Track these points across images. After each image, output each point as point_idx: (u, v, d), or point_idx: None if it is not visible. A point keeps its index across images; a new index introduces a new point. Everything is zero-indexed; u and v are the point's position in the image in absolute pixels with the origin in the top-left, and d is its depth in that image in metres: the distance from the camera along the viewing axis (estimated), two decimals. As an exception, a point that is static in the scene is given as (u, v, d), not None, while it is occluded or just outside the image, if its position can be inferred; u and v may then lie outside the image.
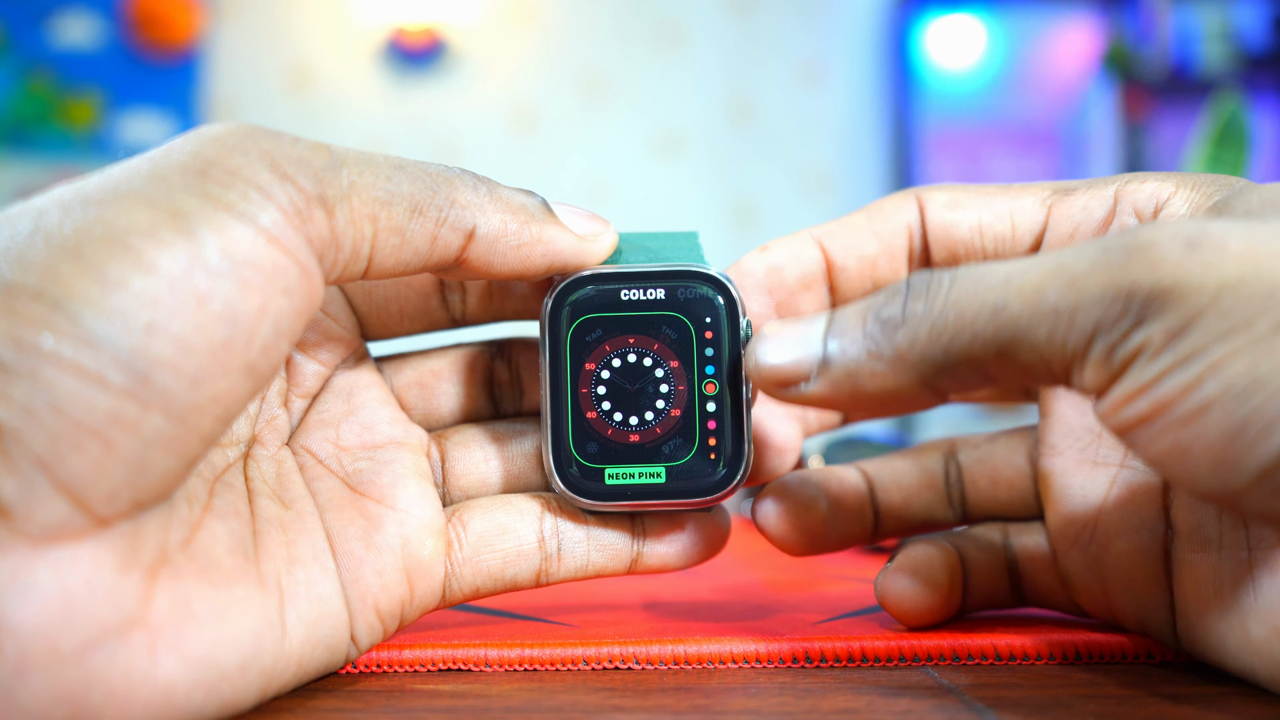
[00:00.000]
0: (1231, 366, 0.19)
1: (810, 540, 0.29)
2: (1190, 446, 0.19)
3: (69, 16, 2.47)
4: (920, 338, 0.22)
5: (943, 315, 0.22)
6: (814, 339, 0.24)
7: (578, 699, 0.23)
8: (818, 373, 0.24)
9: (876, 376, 0.23)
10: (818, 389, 0.24)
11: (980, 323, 0.21)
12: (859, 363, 0.23)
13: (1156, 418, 0.20)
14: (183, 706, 0.20)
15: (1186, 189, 0.26)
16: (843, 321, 0.23)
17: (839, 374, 0.23)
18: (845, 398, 0.23)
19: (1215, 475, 0.19)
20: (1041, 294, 0.21)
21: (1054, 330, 0.20)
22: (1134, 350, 0.20)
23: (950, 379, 0.22)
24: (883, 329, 0.22)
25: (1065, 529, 0.27)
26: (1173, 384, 0.19)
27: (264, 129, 0.22)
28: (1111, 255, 0.20)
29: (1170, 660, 0.26)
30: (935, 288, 0.22)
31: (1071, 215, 0.27)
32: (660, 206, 2.52)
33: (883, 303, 0.23)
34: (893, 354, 0.22)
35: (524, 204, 0.25)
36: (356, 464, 0.26)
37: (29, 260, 0.19)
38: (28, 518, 0.18)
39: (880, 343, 0.22)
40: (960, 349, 0.21)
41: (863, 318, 0.23)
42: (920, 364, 0.22)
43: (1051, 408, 0.28)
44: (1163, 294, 0.19)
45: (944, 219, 0.28)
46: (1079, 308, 0.20)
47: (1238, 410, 0.18)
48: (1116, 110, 2.47)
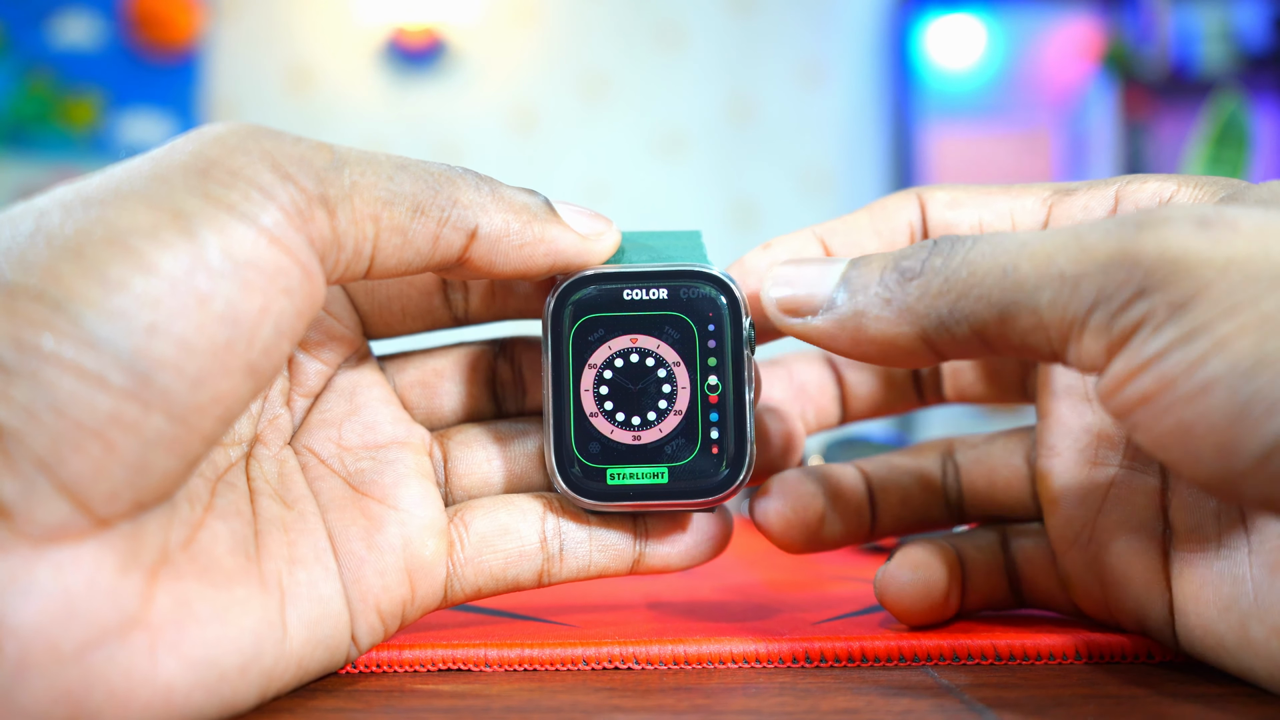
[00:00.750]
0: (1237, 344, 0.18)
1: (808, 538, 0.29)
2: (1193, 426, 0.19)
3: (69, 16, 2.47)
4: (931, 290, 0.22)
5: (957, 271, 0.22)
6: (831, 275, 0.24)
7: (578, 699, 0.23)
8: (826, 307, 0.24)
9: (881, 321, 0.23)
10: (822, 323, 0.24)
11: (989, 282, 0.21)
12: (868, 304, 0.23)
13: (1159, 396, 0.19)
14: (183, 707, 0.20)
15: (1189, 188, 0.26)
16: (863, 265, 0.24)
17: (846, 312, 0.24)
18: (846, 337, 0.24)
19: (1217, 457, 0.19)
20: (1052, 259, 0.21)
21: (1057, 295, 0.21)
22: (1135, 321, 0.20)
23: (949, 337, 0.22)
24: (899, 278, 0.23)
25: (1064, 529, 0.28)
26: (1176, 360, 0.19)
27: (266, 129, 0.22)
28: (1125, 228, 0.20)
29: (1170, 660, 0.26)
30: (958, 246, 0.23)
31: (1072, 215, 0.27)
32: (660, 206, 2.52)
33: (907, 254, 0.23)
34: (902, 303, 0.23)
35: (526, 203, 0.25)
36: (359, 464, 0.26)
37: (30, 261, 0.19)
38: (28, 518, 0.18)
39: (893, 290, 0.23)
40: (965, 307, 0.22)
41: (883, 266, 0.24)
42: (924, 316, 0.22)
43: (1049, 408, 0.28)
44: (1169, 264, 0.19)
45: (945, 218, 0.28)
46: (1085, 274, 0.20)
47: (1243, 389, 0.18)
48: (1116, 110, 2.47)
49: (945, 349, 0.23)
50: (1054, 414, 0.28)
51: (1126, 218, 0.21)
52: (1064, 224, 0.27)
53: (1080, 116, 2.53)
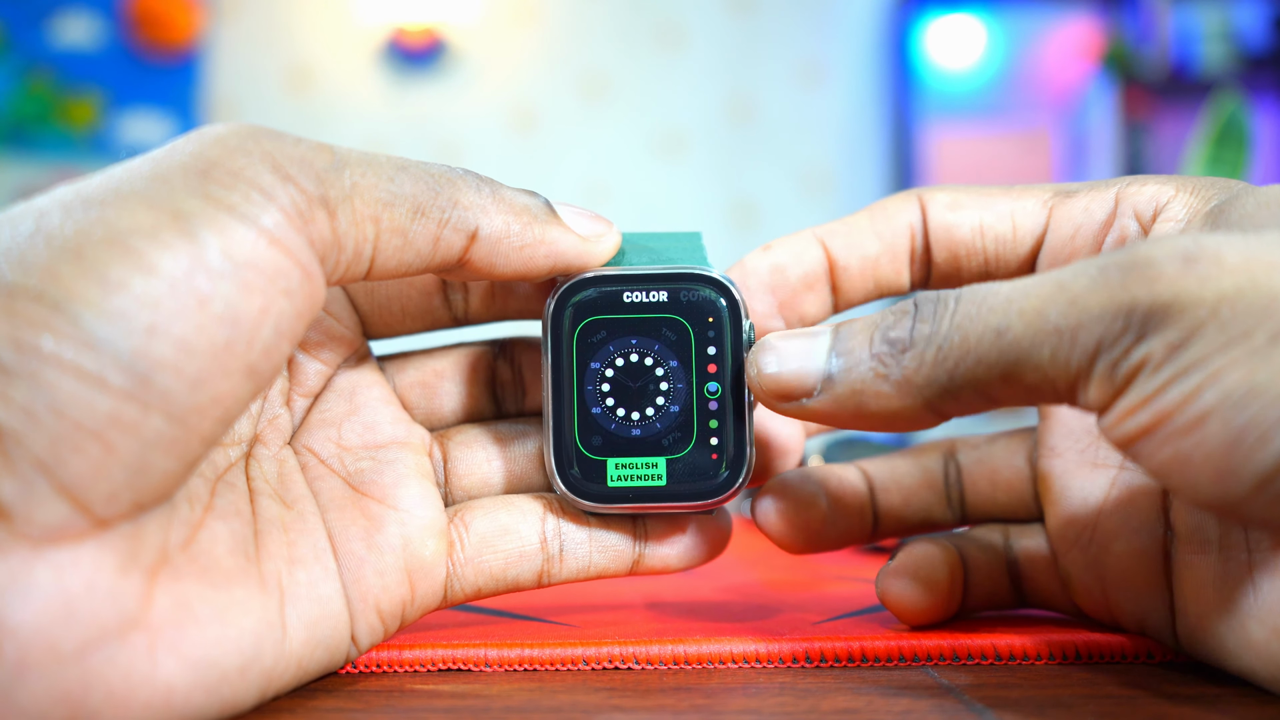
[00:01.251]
0: (1229, 376, 0.19)
1: (809, 538, 0.29)
2: (1190, 456, 0.19)
3: (69, 16, 2.47)
4: (927, 361, 0.22)
5: (948, 339, 0.22)
6: (818, 354, 0.24)
7: (578, 699, 0.23)
8: (821, 388, 0.24)
9: (881, 397, 0.23)
10: (820, 404, 0.24)
11: (984, 346, 0.21)
12: (865, 382, 0.23)
13: (1157, 429, 0.20)
14: (182, 707, 0.20)
15: (1186, 192, 0.26)
16: (849, 338, 0.24)
17: (843, 392, 0.23)
18: (848, 415, 0.24)
19: (1216, 484, 0.19)
20: (1043, 315, 0.21)
21: (1057, 350, 0.21)
22: (1136, 365, 0.20)
23: (954, 402, 0.22)
24: (890, 350, 0.23)
25: (1065, 530, 0.28)
26: (1173, 395, 0.19)
27: (266, 130, 0.22)
28: (1109, 274, 0.20)
29: (1170, 660, 0.26)
30: (941, 310, 0.22)
31: (1072, 217, 0.27)
32: (660, 206, 2.52)
33: (890, 323, 0.23)
34: (900, 377, 0.22)
35: (527, 205, 0.25)
36: (359, 464, 0.26)
37: (30, 261, 0.19)
38: (28, 519, 0.18)
39: (888, 364, 0.23)
40: (965, 373, 0.22)
41: (869, 336, 0.23)
42: (926, 388, 0.22)
43: (1050, 410, 0.28)
44: (1163, 309, 0.19)
45: (945, 219, 0.28)
46: (1081, 325, 0.20)
47: (1236, 418, 0.19)
48: (1116, 110, 2.47)
49: (950, 412, 0.23)
50: (1055, 415, 0.28)
51: (1108, 260, 0.21)
52: (1064, 226, 0.27)
53: (1080, 116, 2.53)
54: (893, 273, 0.29)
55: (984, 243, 0.28)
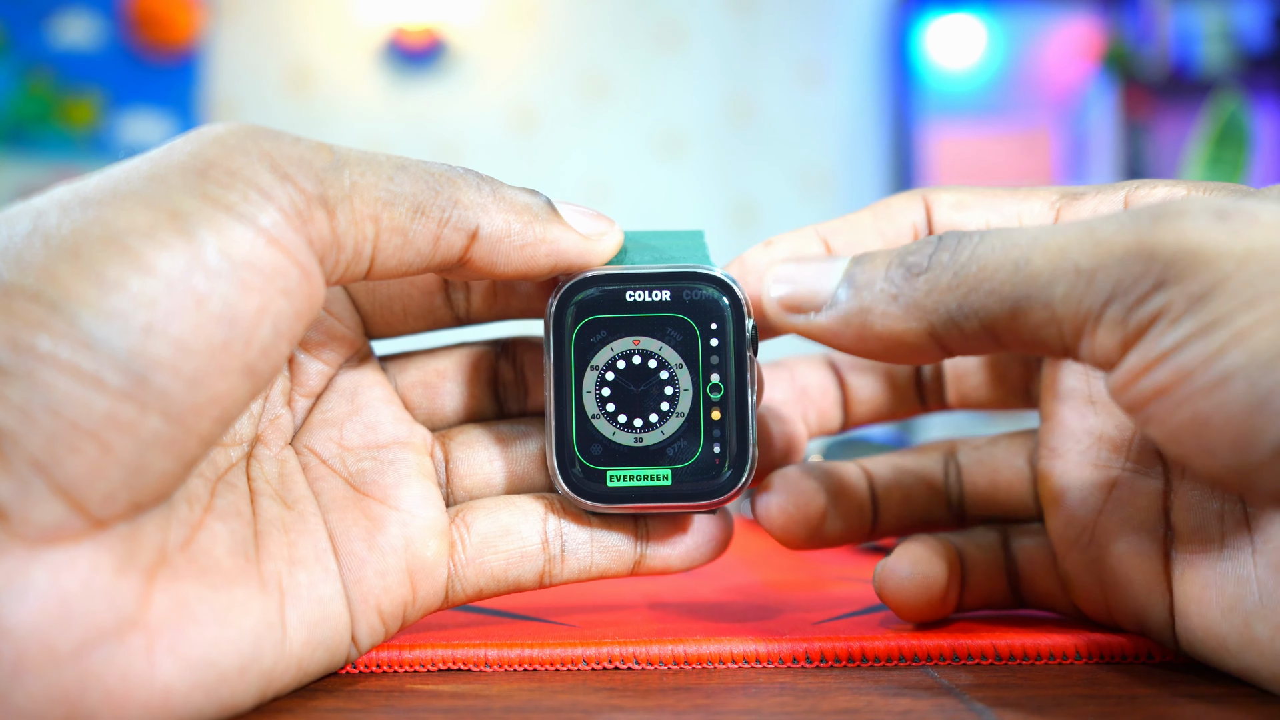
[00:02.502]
0: (1257, 335, 0.18)
1: (809, 534, 0.29)
2: (1210, 418, 0.19)
3: (69, 16, 2.47)
4: (939, 285, 0.22)
5: (966, 266, 0.22)
6: (834, 272, 0.24)
7: (578, 699, 0.23)
8: (830, 304, 0.24)
9: (888, 317, 0.23)
10: (826, 319, 0.24)
11: (1001, 276, 0.21)
12: (874, 300, 0.23)
13: (1175, 388, 0.19)
14: (181, 708, 0.20)
15: (1199, 192, 0.26)
16: (866, 262, 0.24)
17: (851, 308, 0.23)
18: (852, 333, 0.24)
19: (1234, 450, 0.19)
20: (1066, 252, 0.21)
21: (1072, 288, 0.20)
22: (1152, 315, 0.19)
23: (958, 332, 0.22)
24: (905, 273, 0.23)
25: (1065, 530, 0.27)
26: (1194, 352, 0.19)
27: (265, 129, 0.22)
28: (1140, 220, 0.20)
29: (1171, 660, 0.26)
30: (964, 241, 0.22)
31: (1080, 220, 0.27)
32: (660, 206, 2.52)
33: (912, 249, 0.23)
34: (909, 298, 0.23)
35: (528, 203, 0.25)
36: (360, 464, 0.26)
37: (27, 261, 0.19)
38: (24, 519, 0.18)
39: (900, 285, 0.23)
40: (976, 302, 0.22)
41: (887, 262, 0.23)
42: (933, 311, 0.22)
43: (1053, 411, 0.28)
44: (1187, 256, 0.19)
45: (951, 220, 0.28)
46: (1101, 267, 0.20)
47: (1263, 380, 0.18)
48: (1116, 110, 2.47)
49: (953, 345, 0.23)
50: (1057, 417, 0.28)
51: (1141, 211, 0.20)
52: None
53: (1080, 116, 2.53)
54: None
55: None
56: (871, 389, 0.32)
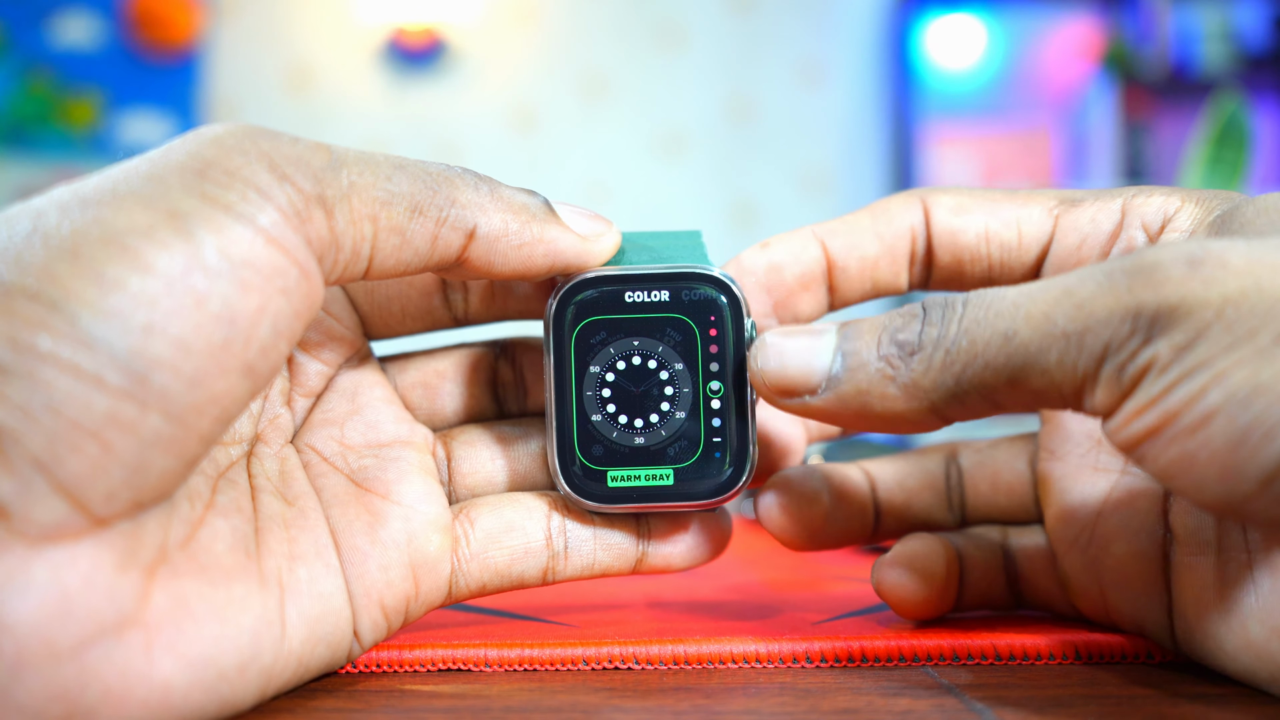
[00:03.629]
0: (1235, 375, 0.19)
1: (811, 535, 0.29)
2: (1196, 455, 0.20)
3: (69, 16, 2.47)
4: (935, 365, 0.22)
5: (956, 343, 0.22)
6: (824, 351, 0.24)
7: (578, 699, 0.23)
8: (826, 386, 0.24)
9: (887, 399, 0.23)
10: (824, 402, 0.24)
11: (992, 350, 0.22)
12: (872, 383, 0.23)
13: (1163, 429, 0.20)
14: (180, 705, 0.20)
15: (1191, 203, 0.26)
16: (856, 338, 0.24)
17: (849, 391, 0.23)
18: (851, 414, 0.24)
19: (1221, 483, 0.20)
20: (1050, 319, 0.21)
21: (1064, 354, 0.21)
22: (1143, 367, 0.20)
23: (959, 406, 0.22)
24: (898, 352, 0.23)
25: (1064, 532, 0.27)
26: (1179, 395, 0.20)
27: (263, 129, 0.22)
28: (1116, 278, 0.21)
29: (1170, 660, 0.26)
30: (949, 314, 0.22)
31: (1079, 227, 0.27)
32: (660, 206, 2.52)
33: (899, 325, 0.23)
34: (907, 380, 0.23)
35: (525, 204, 0.25)
36: (362, 461, 0.26)
37: (26, 261, 0.19)
38: (25, 518, 0.18)
39: (896, 367, 0.23)
40: (972, 377, 0.22)
41: (877, 337, 0.23)
42: (933, 391, 0.22)
43: (1051, 415, 0.28)
44: (1169, 311, 0.20)
45: (950, 224, 0.28)
46: (1088, 330, 0.20)
47: (1241, 416, 0.19)
48: (1116, 110, 2.47)
49: (954, 416, 0.23)
50: (1055, 420, 0.28)
51: (1114, 266, 0.21)
52: (1070, 235, 0.27)
53: (1080, 116, 2.53)
54: (891, 274, 0.29)
55: (989, 249, 0.28)
56: None
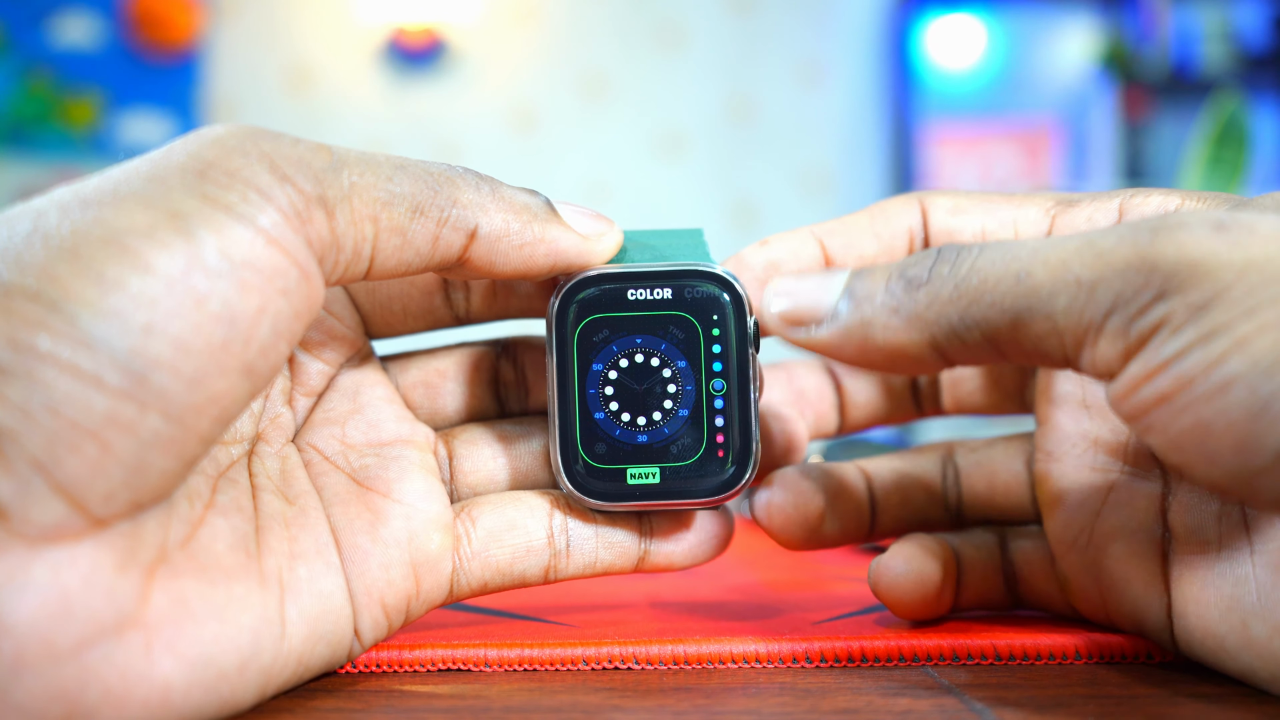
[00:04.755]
0: (1258, 342, 0.18)
1: (806, 534, 0.29)
2: (1212, 424, 0.19)
3: (69, 16, 2.47)
4: (940, 297, 0.22)
5: (967, 278, 0.22)
6: (834, 285, 0.24)
7: (578, 699, 0.23)
8: (831, 317, 0.24)
9: (889, 329, 0.23)
10: (828, 333, 0.24)
11: (1002, 288, 0.21)
12: (875, 313, 0.23)
13: (1177, 395, 0.19)
14: (180, 705, 0.20)
15: (1192, 200, 0.26)
16: (866, 275, 0.24)
17: (853, 322, 0.24)
18: (853, 346, 0.24)
19: (1236, 455, 0.19)
20: (1067, 264, 0.21)
21: (1073, 300, 0.21)
22: (1153, 325, 0.20)
23: (959, 344, 0.22)
24: (905, 286, 0.23)
25: (1063, 532, 0.27)
26: (1195, 360, 0.19)
27: (264, 130, 0.22)
28: (1139, 232, 0.20)
29: (1170, 660, 0.26)
30: (964, 254, 0.22)
31: (1075, 227, 0.27)
32: (660, 206, 2.52)
33: (910, 263, 0.23)
34: (910, 310, 0.23)
35: (527, 203, 0.25)
36: (363, 460, 0.26)
37: (26, 261, 0.19)
38: (24, 518, 0.18)
39: (900, 298, 0.23)
40: (977, 314, 0.22)
41: (887, 274, 0.23)
42: (935, 323, 0.22)
43: (1048, 415, 0.28)
44: (1188, 268, 0.19)
45: (947, 225, 0.28)
46: (1102, 279, 0.20)
47: (1263, 386, 0.18)
48: (1116, 110, 2.47)
49: (954, 355, 0.23)
50: (1052, 421, 0.28)
51: (1140, 223, 0.21)
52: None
53: (1080, 116, 2.53)
54: None
55: None
56: (868, 393, 0.32)
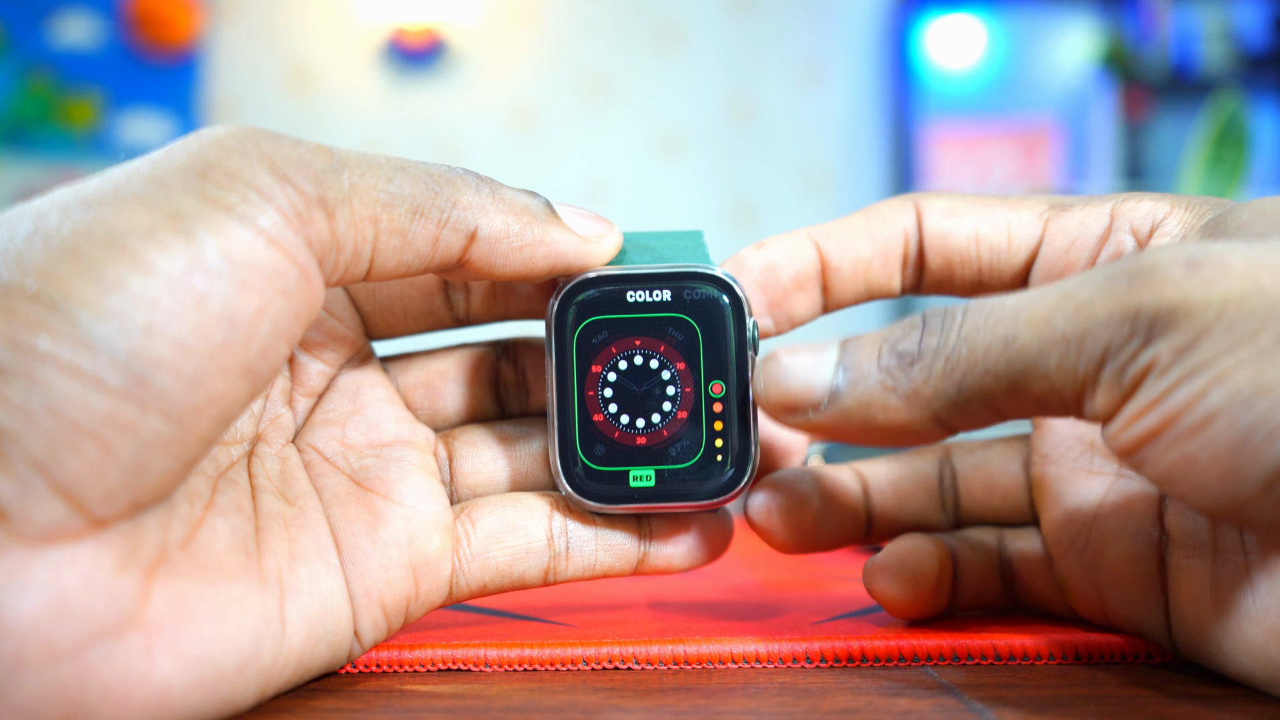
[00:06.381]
0: (1236, 376, 0.19)
1: (800, 537, 0.29)
2: (1197, 457, 0.19)
3: (69, 16, 2.47)
4: (935, 373, 0.22)
5: (956, 350, 0.22)
6: (826, 366, 0.24)
7: (578, 699, 0.23)
8: (829, 401, 0.24)
9: (889, 410, 0.23)
10: (827, 417, 0.24)
11: (992, 356, 0.21)
12: (873, 395, 0.23)
13: (1164, 431, 0.20)
14: (180, 706, 0.20)
15: (1181, 208, 0.26)
16: (856, 352, 0.24)
17: (851, 405, 0.23)
18: (855, 427, 0.24)
19: (1222, 486, 0.19)
20: (1050, 323, 0.21)
21: (1064, 357, 0.21)
22: (1143, 369, 0.20)
23: (961, 415, 0.22)
24: (898, 363, 0.23)
25: (1060, 534, 0.28)
26: (1179, 397, 0.19)
27: (265, 131, 0.22)
28: (1115, 281, 0.20)
29: (1170, 661, 0.26)
30: (949, 322, 0.22)
31: (1068, 230, 0.27)
32: (660, 206, 2.52)
33: (899, 336, 0.23)
34: (908, 389, 0.23)
35: (526, 205, 0.25)
36: (363, 461, 0.26)
37: (27, 261, 0.19)
38: (24, 519, 0.18)
39: (896, 377, 0.23)
40: (973, 384, 0.22)
41: (877, 349, 0.23)
42: (934, 400, 0.22)
43: (1043, 419, 0.28)
44: (1169, 312, 0.20)
45: (941, 227, 0.28)
46: (1088, 333, 0.20)
47: (1243, 417, 0.19)
48: (1116, 110, 2.47)
49: (957, 425, 0.23)
50: (1048, 424, 0.28)
51: (1113, 270, 0.21)
52: (1059, 239, 0.28)
53: (1080, 116, 2.53)
54: (884, 276, 0.29)
55: (979, 251, 0.28)
56: None
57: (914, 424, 0.23)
